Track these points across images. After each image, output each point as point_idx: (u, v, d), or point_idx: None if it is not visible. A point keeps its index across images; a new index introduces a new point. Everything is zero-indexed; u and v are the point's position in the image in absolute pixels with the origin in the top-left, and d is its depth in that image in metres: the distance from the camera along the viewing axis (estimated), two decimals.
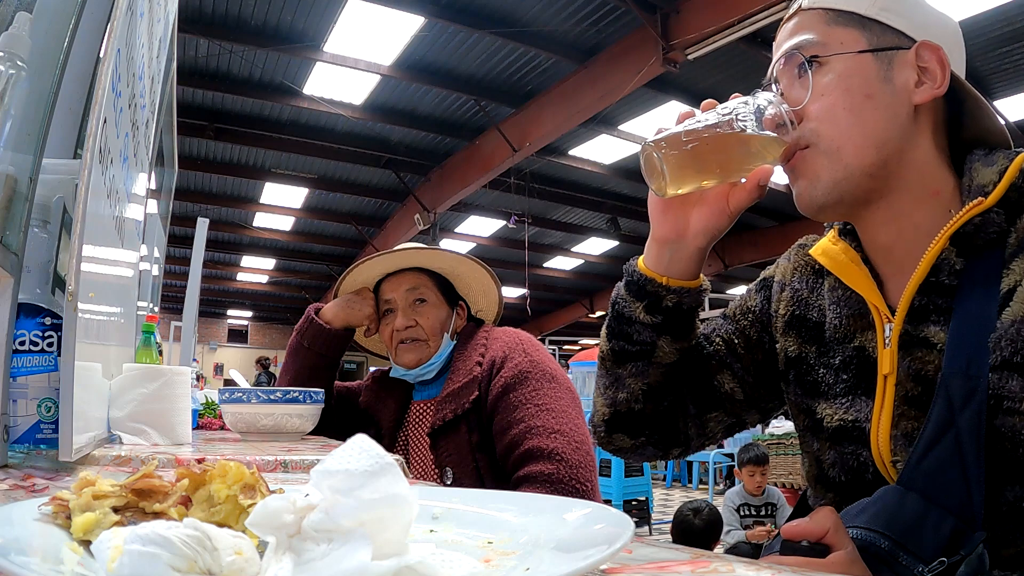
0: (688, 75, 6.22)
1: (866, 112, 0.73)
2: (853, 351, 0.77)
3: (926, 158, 0.74)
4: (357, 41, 6.18)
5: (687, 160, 0.73)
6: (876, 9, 0.76)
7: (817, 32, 0.77)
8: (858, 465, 0.75)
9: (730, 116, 0.74)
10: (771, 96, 0.76)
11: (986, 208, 0.68)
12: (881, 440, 0.72)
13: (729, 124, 0.73)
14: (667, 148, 0.73)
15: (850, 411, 0.76)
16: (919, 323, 0.71)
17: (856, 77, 0.74)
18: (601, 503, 0.47)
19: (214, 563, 0.29)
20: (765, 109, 0.74)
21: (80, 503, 0.34)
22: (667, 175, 0.74)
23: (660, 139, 0.74)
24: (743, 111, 0.74)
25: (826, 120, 0.75)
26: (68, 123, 1.09)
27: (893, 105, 0.74)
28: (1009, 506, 0.62)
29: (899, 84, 0.74)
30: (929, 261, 0.70)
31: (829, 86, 0.75)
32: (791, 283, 0.88)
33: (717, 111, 0.75)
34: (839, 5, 0.77)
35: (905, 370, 0.71)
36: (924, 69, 0.74)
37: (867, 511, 0.65)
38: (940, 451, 0.64)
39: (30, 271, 0.78)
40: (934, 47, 0.74)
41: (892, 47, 0.75)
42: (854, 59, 0.75)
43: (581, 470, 1.30)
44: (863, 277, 0.77)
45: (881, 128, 0.73)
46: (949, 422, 0.64)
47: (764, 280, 0.94)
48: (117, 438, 1.03)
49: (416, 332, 1.50)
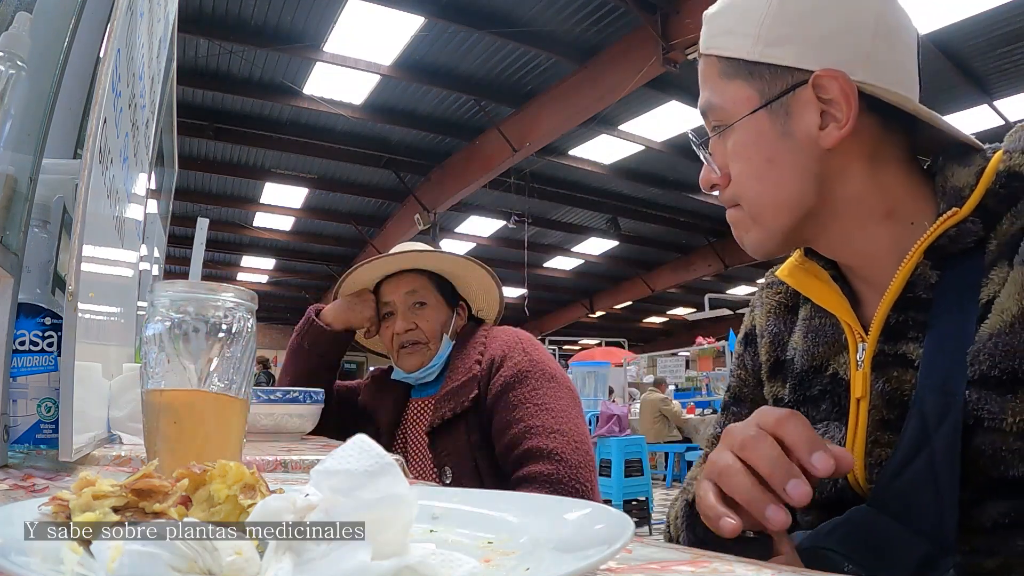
0: (688, 75, 6.21)
1: (771, 177, 0.70)
2: (828, 378, 0.74)
3: (862, 185, 0.69)
4: (357, 41, 6.19)
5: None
6: (760, 48, 0.69)
7: (715, 90, 0.73)
8: (836, 491, 0.71)
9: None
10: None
11: (961, 219, 0.63)
12: (856, 467, 0.68)
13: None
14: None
15: (824, 437, 0.72)
16: (896, 340, 0.67)
17: (753, 142, 0.71)
18: (601, 503, 0.47)
19: (214, 563, 0.29)
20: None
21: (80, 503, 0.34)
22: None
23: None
24: None
25: (740, 185, 0.73)
26: (68, 123, 1.09)
27: (799, 161, 0.69)
28: (993, 522, 0.59)
29: (801, 135, 0.68)
30: (903, 277, 0.66)
31: (734, 153, 0.72)
32: (767, 328, 0.84)
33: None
34: (726, 52, 0.72)
35: (879, 393, 0.67)
36: (827, 102, 0.67)
37: (836, 532, 0.63)
38: (913, 471, 0.61)
39: (30, 271, 0.78)
40: (832, 75, 0.66)
41: (785, 91, 0.68)
42: (749, 122, 0.70)
43: (581, 470, 1.30)
44: (834, 295, 0.74)
45: (792, 190, 0.70)
46: (924, 441, 0.61)
47: (746, 335, 0.90)
48: (117, 438, 1.02)
49: (416, 335, 1.50)
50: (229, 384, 0.54)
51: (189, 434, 0.54)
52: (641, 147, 8.29)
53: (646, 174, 9.24)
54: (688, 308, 16.21)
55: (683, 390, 10.57)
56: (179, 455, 0.52)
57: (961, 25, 5.55)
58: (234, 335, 0.55)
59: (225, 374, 0.54)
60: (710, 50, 0.74)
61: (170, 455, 0.52)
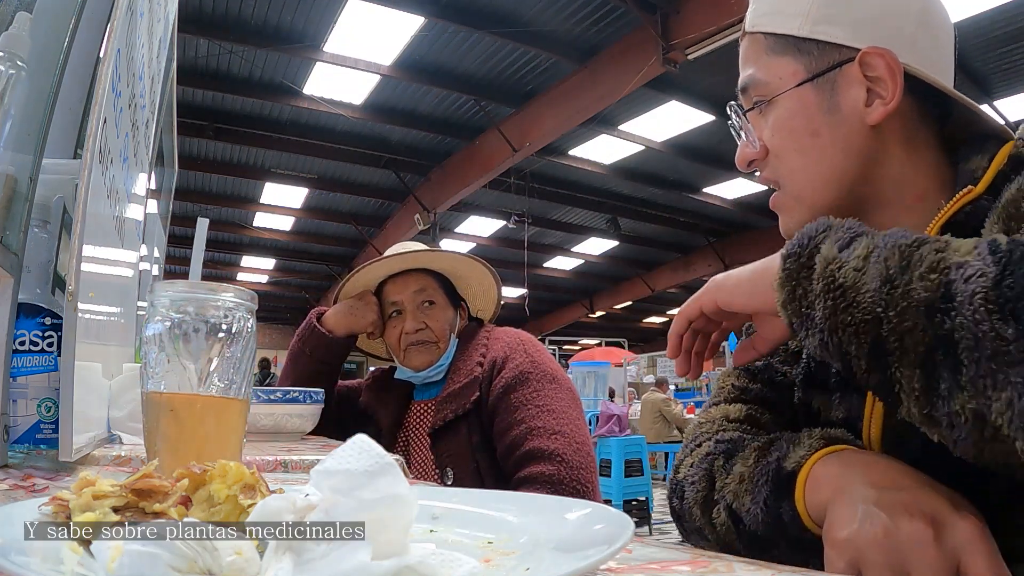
0: (688, 75, 6.22)
1: (815, 152, 0.71)
2: None
3: (900, 168, 0.70)
4: (357, 41, 6.19)
5: None
6: (810, 25, 0.70)
7: (758, 66, 0.74)
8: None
9: None
10: None
11: (976, 196, 0.65)
12: (873, 437, 0.69)
13: None
14: None
15: (840, 407, 0.73)
16: None
17: (799, 115, 0.71)
18: (601, 503, 0.47)
19: (214, 563, 0.29)
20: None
21: (80, 503, 0.34)
22: None
23: None
24: None
25: (781, 162, 0.73)
26: (68, 123, 1.09)
27: (844, 136, 0.70)
28: (1000, 496, 0.59)
29: (847, 109, 0.69)
30: None
31: (777, 126, 0.73)
32: None
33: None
34: (774, 28, 0.73)
35: None
36: (873, 80, 0.68)
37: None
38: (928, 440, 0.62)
39: (30, 271, 0.78)
40: (879, 52, 0.67)
41: (832, 67, 0.70)
42: (794, 95, 0.71)
43: (582, 471, 1.30)
44: None
45: (835, 164, 0.70)
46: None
47: None
48: (117, 438, 1.02)
49: (426, 335, 1.49)
50: (229, 384, 0.54)
51: (189, 434, 0.54)
52: (641, 147, 8.29)
53: (646, 174, 9.24)
54: None
55: (683, 390, 10.57)
56: (179, 455, 0.52)
57: (961, 25, 5.55)
58: (234, 335, 0.55)
59: (225, 374, 0.54)
60: (756, 27, 0.75)
61: (170, 455, 0.52)
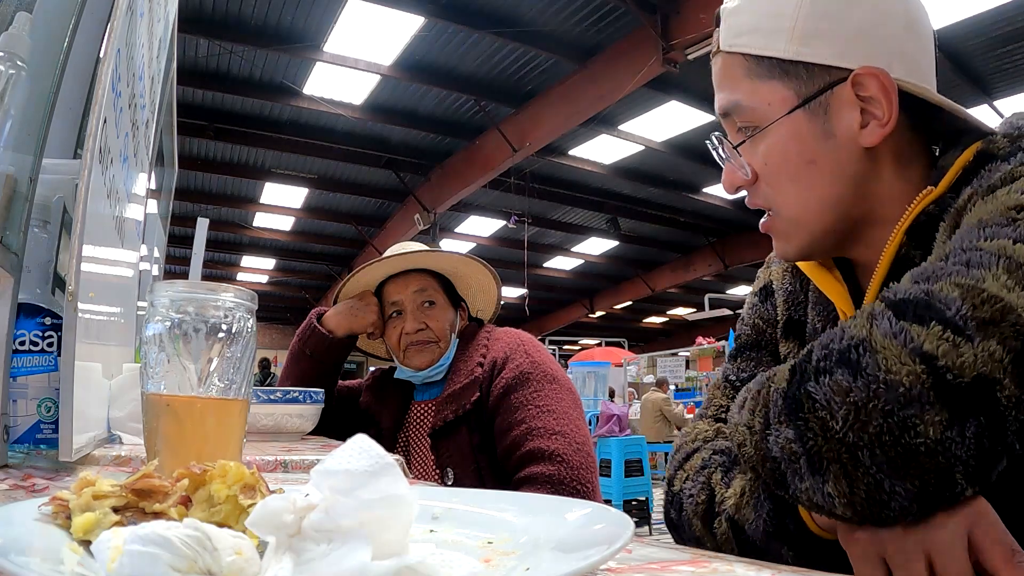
0: (688, 75, 6.21)
1: (812, 178, 0.68)
2: None
3: (891, 184, 0.69)
4: (357, 41, 6.19)
5: None
6: (796, 45, 0.66)
7: (742, 91, 0.70)
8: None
9: None
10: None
11: (938, 196, 0.63)
12: None
13: None
14: None
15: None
16: None
17: (792, 144, 0.68)
18: (601, 503, 0.47)
19: (214, 563, 0.29)
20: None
21: (80, 503, 0.34)
22: None
23: None
24: None
25: (775, 189, 0.71)
26: (68, 123, 1.09)
27: (840, 162, 0.68)
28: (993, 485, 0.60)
29: (841, 134, 0.67)
30: (888, 260, 0.66)
31: (769, 155, 0.70)
32: (783, 286, 0.85)
33: None
34: (756, 50, 0.69)
35: None
36: (867, 100, 0.66)
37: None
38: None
39: (30, 271, 0.78)
40: (873, 72, 0.64)
41: (823, 89, 0.66)
42: (785, 122, 0.68)
43: (582, 471, 1.30)
44: (834, 284, 0.74)
45: (832, 190, 0.69)
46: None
47: (763, 288, 0.89)
48: (117, 438, 1.02)
49: (427, 335, 1.49)
50: (229, 384, 0.54)
51: (189, 434, 0.54)
52: (641, 147, 8.29)
53: (646, 174, 9.24)
54: (688, 308, 16.22)
55: (683, 390, 10.57)
56: (179, 455, 0.52)
57: (961, 25, 5.55)
58: (234, 335, 0.55)
59: (225, 374, 0.54)
60: (735, 48, 0.71)
61: (170, 455, 0.52)
